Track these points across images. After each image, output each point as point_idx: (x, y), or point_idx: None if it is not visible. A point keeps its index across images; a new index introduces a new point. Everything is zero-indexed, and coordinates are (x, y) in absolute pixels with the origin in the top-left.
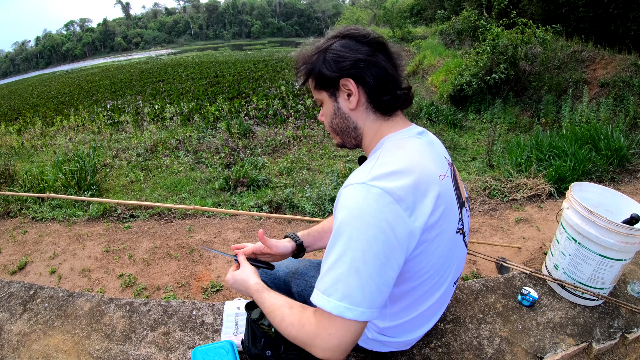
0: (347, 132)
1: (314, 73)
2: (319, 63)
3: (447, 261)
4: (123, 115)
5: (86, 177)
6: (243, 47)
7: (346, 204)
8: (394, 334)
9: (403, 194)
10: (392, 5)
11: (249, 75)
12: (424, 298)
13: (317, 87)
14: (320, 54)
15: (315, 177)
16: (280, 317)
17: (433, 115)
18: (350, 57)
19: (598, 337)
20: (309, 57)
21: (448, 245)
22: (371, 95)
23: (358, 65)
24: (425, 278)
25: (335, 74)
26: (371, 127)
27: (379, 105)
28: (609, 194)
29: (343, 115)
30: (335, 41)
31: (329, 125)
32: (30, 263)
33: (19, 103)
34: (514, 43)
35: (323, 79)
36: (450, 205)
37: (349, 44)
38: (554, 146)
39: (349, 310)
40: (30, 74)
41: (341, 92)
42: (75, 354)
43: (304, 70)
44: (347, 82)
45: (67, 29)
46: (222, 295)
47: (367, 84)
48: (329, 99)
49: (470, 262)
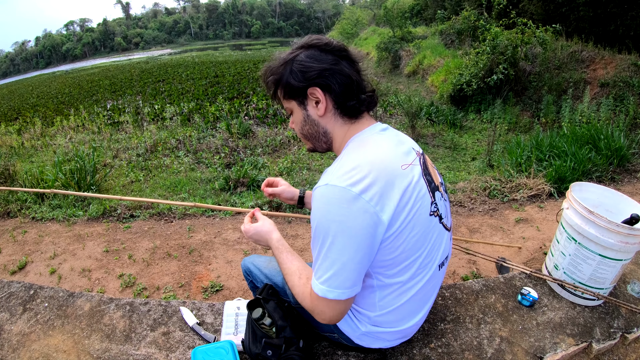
0: (318, 137)
1: (282, 83)
2: (286, 74)
3: (425, 244)
4: (123, 115)
5: (86, 177)
6: (243, 47)
7: (316, 206)
8: (386, 323)
9: (364, 186)
10: (393, 5)
11: (249, 75)
12: (411, 284)
13: (286, 96)
14: (286, 65)
15: (315, 177)
16: (291, 284)
17: (433, 115)
18: (315, 67)
19: (598, 337)
20: (275, 68)
21: (423, 228)
22: (337, 101)
23: (324, 74)
24: (406, 263)
25: (302, 83)
26: (340, 130)
27: (345, 110)
28: (609, 194)
29: (312, 121)
30: (300, 52)
31: (300, 132)
32: (30, 263)
33: (19, 103)
34: (513, 43)
35: (291, 89)
36: (420, 190)
37: (313, 54)
38: (554, 146)
39: (330, 292)
40: (30, 74)
41: (309, 100)
42: (75, 354)
43: (272, 81)
44: (315, 90)
45: (67, 29)
46: (222, 295)
47: (333, 91)
48: (298, 107)
49: (470, 262)
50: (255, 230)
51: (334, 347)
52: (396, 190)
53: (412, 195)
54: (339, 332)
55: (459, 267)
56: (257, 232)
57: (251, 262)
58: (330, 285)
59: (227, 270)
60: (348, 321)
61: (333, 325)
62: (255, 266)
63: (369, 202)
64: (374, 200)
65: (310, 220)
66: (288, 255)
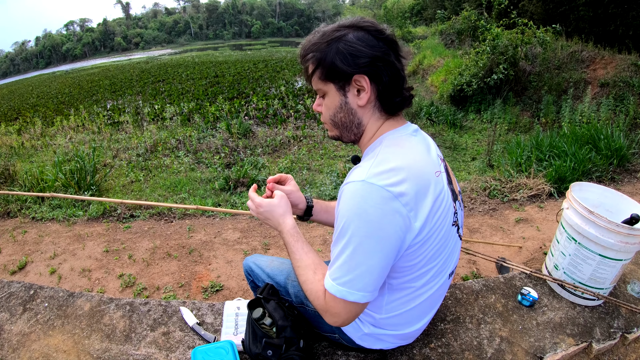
0: (350, 127)
1: (325, 63)
2: (331, 53)
3: (443, 253)
4: (123, 115)
5: (86, 177)
6: (243, 47)
7: (347, 202)
8: (390, 326)
9: (403, 190)
10: (393, 5)
11: (249, 75)
12: (422, 290)
13: (325, 78)
14: (332, 43)
15: (315, 177)
16: (304, 278)
17: (433, 115)
18: (367, 53)
19: (598, 337)
20: (319, 44)
21: (445, 238)
22: (383, 94)
23: (376, 62)
24: (424, 270)
25: (350, 68)
26: (374, 125)
27: (387, 105)
28: (609, 194)
29: (350, 110)
30: (348, 32)
31: (330, 118)
32: (30, 263)
33: (19, 103)
34: (514, 43)
35: (335, 71)
36: (447, 200)
37: (365, 37)
38: (554, 146)
39: (350, 294)
40: (30, 74)
41: (351, 87)
42: (75, 354)
43: (313, 59)
44: (362, 78)
45: (67, 29)
46: (222, 295)
47: (381, 83)
48: (336, 92)
49: (470, 262)
50: (270, 208)
51: (334, 347)
52: (429, 198)
53: (441, 204)
54: (341, 332)
55: (459, 267)
56: (270, 211)
57: (253, 261)
58: (352, 287)
59: (227, 270)
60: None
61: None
62: (257, 265)
63: (405, 206)
64: (409, 205)
65: (336, 216)
66: (304, 245)
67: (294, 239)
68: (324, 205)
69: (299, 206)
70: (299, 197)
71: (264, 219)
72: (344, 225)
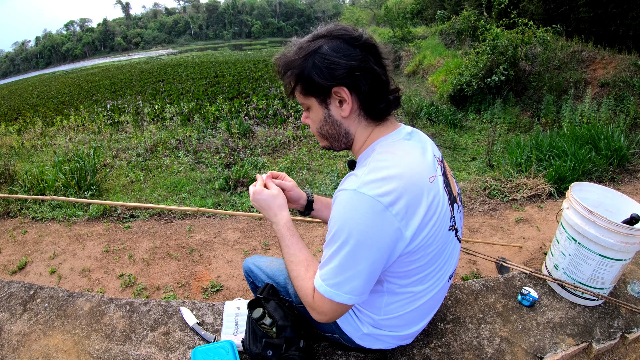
0: (338, 138)
1: (303, 79)
2: (308, 68)
3: (441, 258)
4: (123, 115)
5: (86, 177)
6: (243, 47)
7: (339, 210)
8: (389, 327)
9: (393, 199)
10: (394, 5)
11: (249, 75)
12: (421, 294)
13: (305, 92)
14: (308, 58)
15: (315, 177)
16: (296, 274)
17: (433, 115)
18: (343, 64)
19: (598, 337)
20: (294, 60)
21: (441, 243)
22: (365, 102)
23: (353, 73)
24: (421, 275)
25: (327, 82)
26: (363, 132)
27: (371, 112)
28: (609, 194)
29: (334, 122)
30: (323, 43)
31: (318, 131)
32: (30, 263)
33: (19, 103)
34: (514, 43)
35: (313, 86)
36: (442, 205)
37: (340, 47)
38: (554, 146)
39: (337, 296)
40: (30, 74)
41: (332, 99)
42: (75, 354)
43: (291, 76)
44: (341, 90)
45: (67, 29)
46: (222, 295)
47: (361, 92)
48: (319, 106)
49: (470, 262)
50: (268, 197)
51: (334, 347)
52: (422, 207)
53: (435, 211)
54: (340, 332)
55: (459, 267)
56: (267, 200)
57: (252, 262)
58: (339, 289)
59: (227, 270)
60: (350, 321)
61: (334, 325)
62: (256, 266)
63: (396, 216)
64: (400, 214)
65: (329, 221)
66: (298, 241)
67: (290, 232)
68: (325, 202)
69: (300, 201)
70: (298, 192)
71: (260, 207)
72: (336, 231)
